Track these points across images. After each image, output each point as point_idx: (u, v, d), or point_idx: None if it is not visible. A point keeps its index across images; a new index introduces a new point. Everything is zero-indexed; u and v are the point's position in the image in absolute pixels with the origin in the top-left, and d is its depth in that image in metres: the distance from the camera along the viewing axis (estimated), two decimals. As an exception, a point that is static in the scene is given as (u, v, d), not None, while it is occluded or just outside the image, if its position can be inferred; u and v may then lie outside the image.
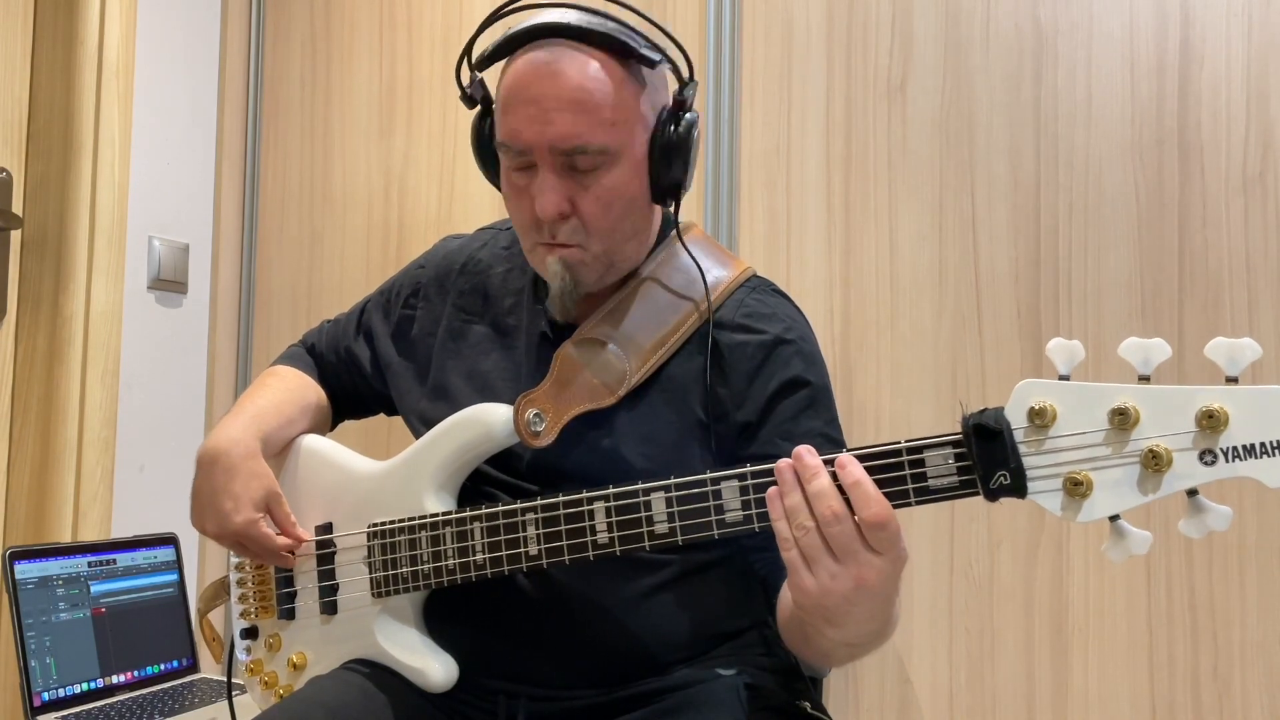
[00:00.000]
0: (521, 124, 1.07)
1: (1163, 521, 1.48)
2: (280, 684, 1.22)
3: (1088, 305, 1.60)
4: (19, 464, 2.03)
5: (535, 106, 1.06)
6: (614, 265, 1.15)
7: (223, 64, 2.38)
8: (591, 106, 1.05)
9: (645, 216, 1.15)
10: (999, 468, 0.81)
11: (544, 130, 1.06)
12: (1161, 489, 0.77)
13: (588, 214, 1.09)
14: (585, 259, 1.12)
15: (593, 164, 1.07)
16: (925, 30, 1.73)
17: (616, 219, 1.10)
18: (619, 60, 1.08)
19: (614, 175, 1.08)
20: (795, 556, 0.85)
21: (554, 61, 1.06)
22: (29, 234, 2.06)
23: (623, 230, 1.12)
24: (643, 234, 1.16)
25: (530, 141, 1.07)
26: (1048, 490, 0.80)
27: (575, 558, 1.01)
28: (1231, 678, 1.50)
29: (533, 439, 1.09)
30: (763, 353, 1.13)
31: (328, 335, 1.41)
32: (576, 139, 1.05)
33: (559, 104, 1.05)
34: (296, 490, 1.25)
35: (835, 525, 0.83)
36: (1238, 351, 0.75)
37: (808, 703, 1.11)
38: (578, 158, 1.06)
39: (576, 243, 1.10)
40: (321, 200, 2.32)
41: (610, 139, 1.06)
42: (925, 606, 1.68)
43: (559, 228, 1.10)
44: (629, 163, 1.09)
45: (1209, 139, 1.54)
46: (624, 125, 1.07)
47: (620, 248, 1.13)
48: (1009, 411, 0.82)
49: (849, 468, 0.84)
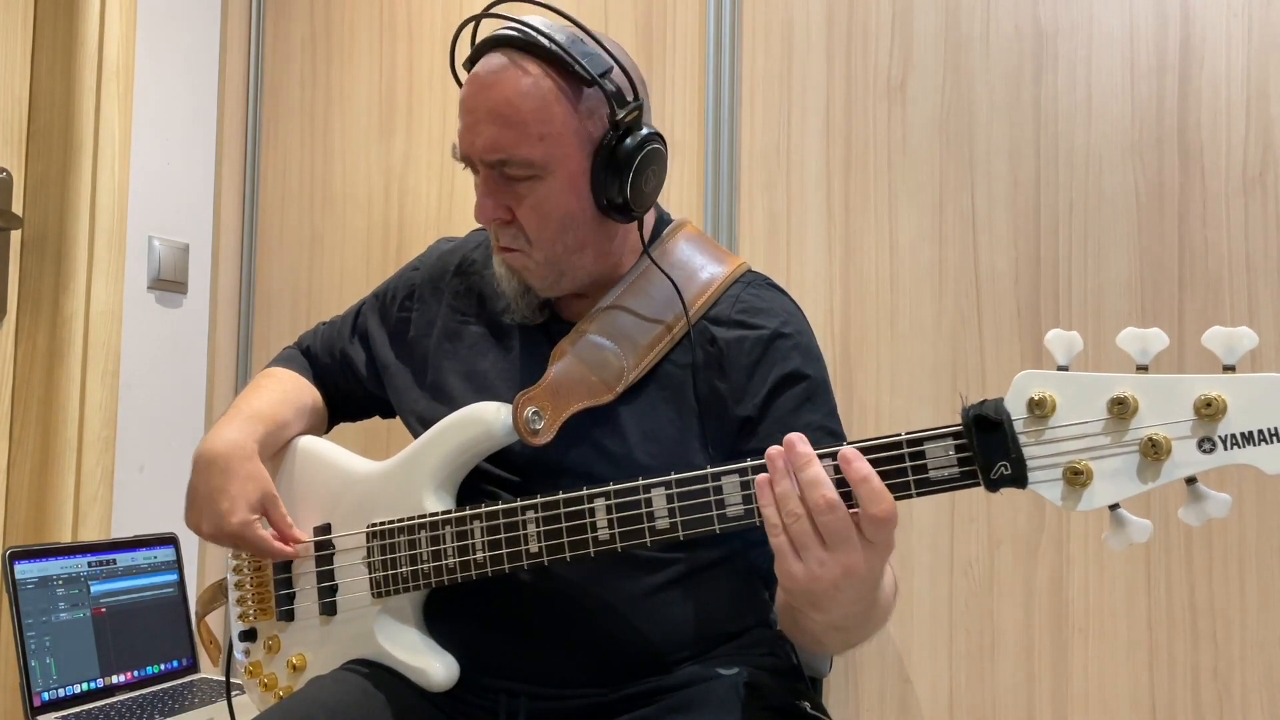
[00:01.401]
0: (460, 133, 1.12)
1: (1163, 521, 1.48)
2: (280, 685, 1.21)
3: (1088, 305, 1.60)
4: (19, 464, 2.03)
5: (470, 117, 1.10)
6: (564, 274, 1.16)
7: (223, 64, 2.39)
8: (517, 121, 1.07)
9: (594, 231, 1.14)
10: (1000, 458, 0.82)
11: (473, 141, 1.10)
12: (1161, 477, 0.77)
13: (524, 222, 1.12)
14: (529, 265, 1.15)
15: (521, 175, 1.09)
16: (925, 30, 1.73)
17: (555, 231, 1.12)
18: (560, 75, 1.08)
19: (546, 188, 1.10)
20: (784, 543, 0.85)
21: (490, 74, 1.09)
22: (29, 234, 2.06)
23: (565, 242, 1.13)
24: (595, 246, 1.16)
25: (465, 151, 1.12)
26: (1048, 480, 0.80)
27: (576, 554, 1.01)
28: (1231, 678, 1.50)
29: (532, 437, 1.09)
30: (760, 347, 1.14)
31: (323, 337, 1.41)
32: (500, 151, 1.08)
33: (486, 116, 1.08)
34: (293, 492, 1.25)
35: (828, 514, 0.83)
36: (1235, 340, 0.76)
37: (807, 703, 1.11)
38: (507, 169, 1.09)
39: (518, 248, 1.14)
40: (321, 200, 2.33)
41: (536, 153, 1.08)
42: (925, 606, 1.68)
43: (501, 233, 1.14)
44: (563, 178, 1.10)
45: (1209, 139, 1.55)
46: (555, 140, 1.08)
47: (566, 259, 1.14)
48: (1009, 402, 0.82)
49: (855, 464, 0.84)
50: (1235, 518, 1.51)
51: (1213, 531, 1.51)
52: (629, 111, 1.10)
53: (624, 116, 1.10)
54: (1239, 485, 1.49)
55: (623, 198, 1.11)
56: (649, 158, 1.12)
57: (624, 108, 1.10)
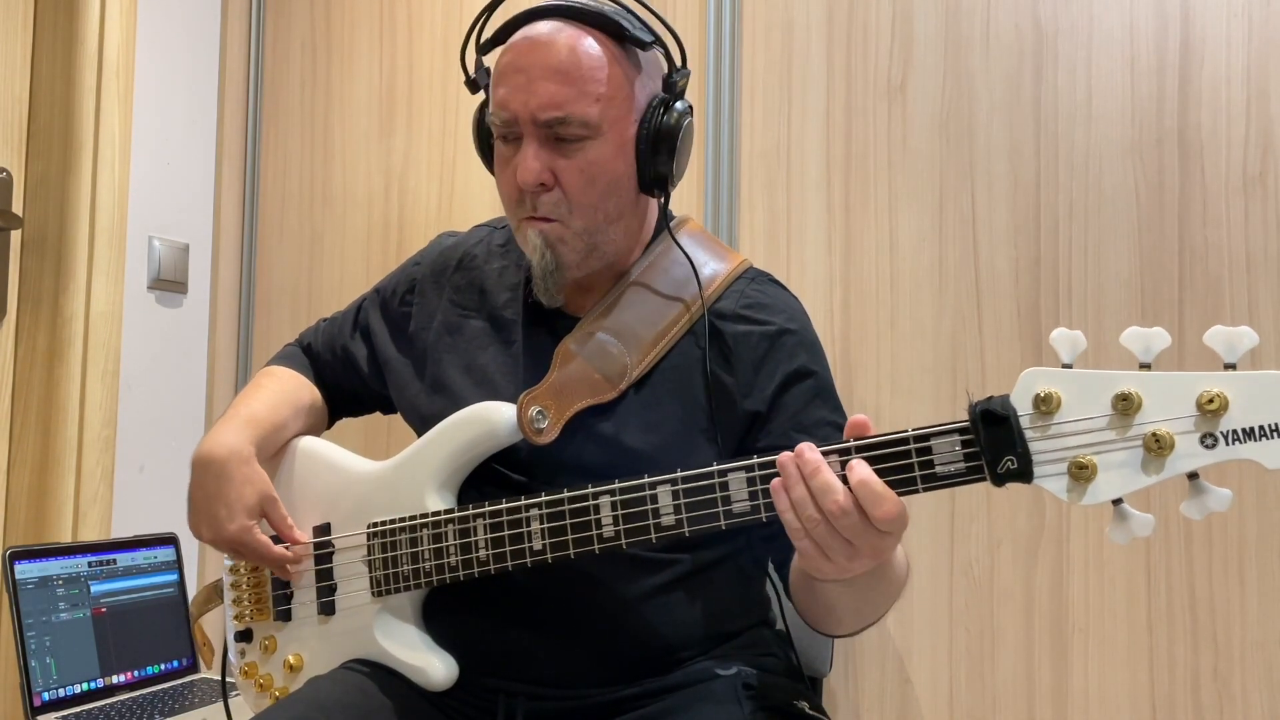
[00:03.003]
0: (509, 93, 1.09)
1: (1163, 522, 1.49)
2: (276, 685, 1.21)
3: (1088, 305, 1.61)
4: (19, 464, 2.03)
5: (523, 75, 1.08)
6: (597, 248, 1.14)
7: (223, 64, 2.39)
8: (578, 77, 1.06)
9: (630, 202, 1.15)
10: (1006, 453, 0.83)
11: (528, 99, 1.07)
12: (1164, 472, 0.79)
13: (569, 186, 1.09)
14: (565, 235, 1.12)
15: (576, 135, 1.08)
16: (925, 30, 1.74)
17: (599, 196, 1.11)
18: (613, 40, 1.10)
19: (598, 150, 1.09)
20: (809, 546, 0.88)
21: (546, 34, 1.08)
22: (29, 234, 2.06)
23: (606, 210, 1.12)
24: (628, 220, 1.16)
25: (515, 110, 1.08)
26: (1053, 474, 0.82)
27: (580, 551, 1.01)
28: (1231, 678, 1.50)
29: (536, 436, 1.09)
30: (767, 343, 1.14)
31: (324, 334, 1.41)
32: (559, 109, 1.06)
33: (545, 72, 1.07)
34: (293, 492, 1.24)
35: (844, 519, 0.85)
36: (1236, 339, 0.77)
37: (807, 703, 1.11)
38: (560, 128, 1.07)
39: (557, 217, 1.11)
40: (321, 200, 2.33)
41: (595, 113, 1.07)
42: (925, 606, 1.68)
43: (540, 199, 1.10)
44: (614, 141, 1.10)
45: (1209, 139, 1.55)
46: (611, 102, 1.08)
47: (603, 229, 1.13)
48: (1014, 399, 0.83)
49: (856, 469, 0.86)
50: (1235, 517, 1.51)
51: (1213, 531, 1.52)
52: (683, 77, 1.13)
53: (679, 81, 1.12)
54: (1239, 486, 1.50)
55: (667, 169, 1.12)
56: (688, 131, 1.14)
57: (679, 73, 1.13)
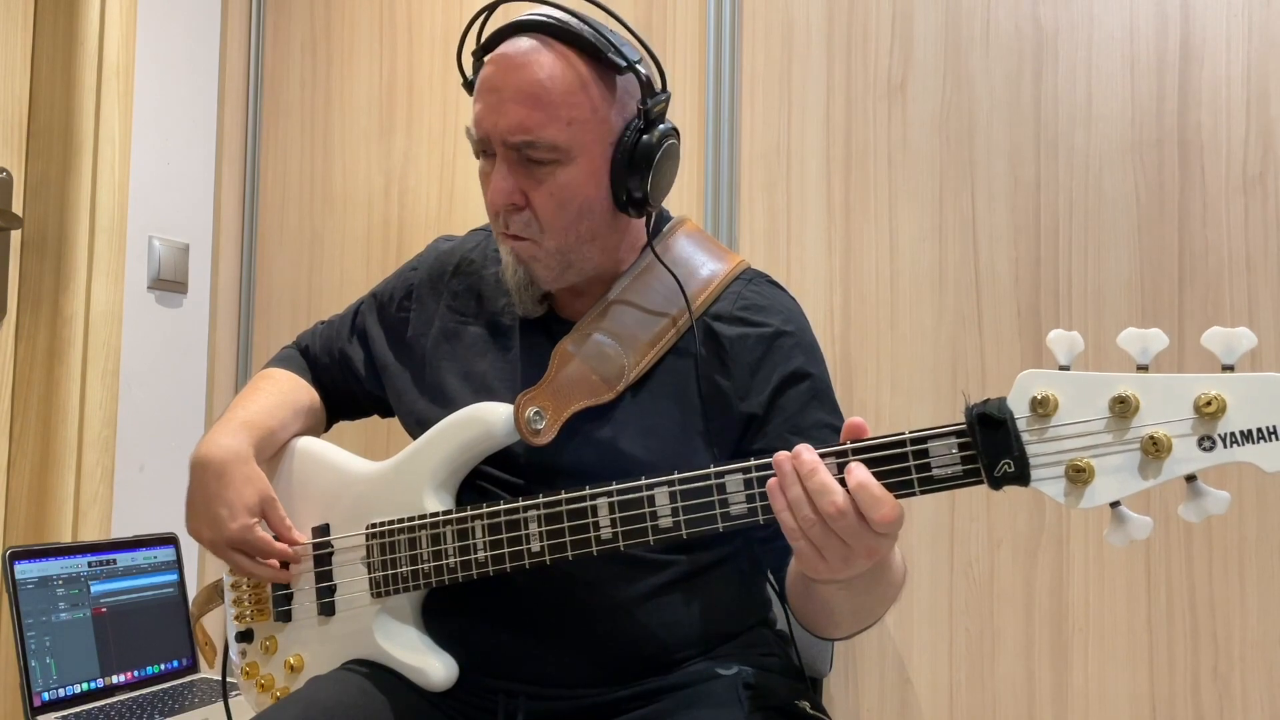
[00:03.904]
0: (482, 112, 1.09)
1: (1162, 522, 1.49)
2: (277, 686, 1.21)
3: (1088, 305, 1.61)
4: (19, 464, 2.03)
5: (495, 95, 1.07)
6: (572, 265, 1.14)
7: (223, 64, 2.38)
8: (548, 102, 1.06)
9: (605, 223, 1.14)
10: (1003, 456, 0.83)
11: (498, 120, 1.07)
12: (1161, 474, 0.78)
13: (540, 209, 1.10)
14: (538, 254, 1.12)
15: (545, 159, 1.07)
16: (925, 30, 1.73)
17: (571, 219, 1.10)
18: (590, 63, 1.08)
19: (568, 174, 1.08)
20: (806, 546, 0.87)
21: (521, 54, 1.07)
22: (29, 234, 2.06)
23: (578, 231, 1.12)
24: (604, 239, 1.15)
25: (487, 130, 1.09)
26: (1051, 478, 0.81)
27: (578, 553, 1.01)
28: (1231, 678, 1.50)
29: (533, 437, 1.09)
30: (764, 345, 1.14)
31: (321, 337, 1.41)
32: (527, 132, 1.06)
33: (516, 95, 1.06)
34: (292, 493, 1.24)
35: (841, 520, 0.85)
36: (1234, 340, 0.77)
37: (807, 703, 1.11)
38: (530, 151, 1.07)
39: (530, 236, 1.11)
40: (321, 200, 2.33)
41: (564, 137, 1.06)
42: (925, 606, 1.68)
43: (512, 219, 1.11)
44: (585, 165, 1.09)
45: (1209, 139, 1.55)
46: (584, 126, 1.07)
47: (577, 248, 1.13)
48: (1011, 401, 0.83)
49: (855, 472, 0.86)
50: (1235, 518, 1.51)
51: (1212, 531, 1.52)
52: (658, 103, 1.10)
53: (654, 106, 1.10)
54: (1239, 486, 1.50)
55: (641, 191, 1.10)
56: (668, 153, 1.12)
57: (654, 98, 1.10)
